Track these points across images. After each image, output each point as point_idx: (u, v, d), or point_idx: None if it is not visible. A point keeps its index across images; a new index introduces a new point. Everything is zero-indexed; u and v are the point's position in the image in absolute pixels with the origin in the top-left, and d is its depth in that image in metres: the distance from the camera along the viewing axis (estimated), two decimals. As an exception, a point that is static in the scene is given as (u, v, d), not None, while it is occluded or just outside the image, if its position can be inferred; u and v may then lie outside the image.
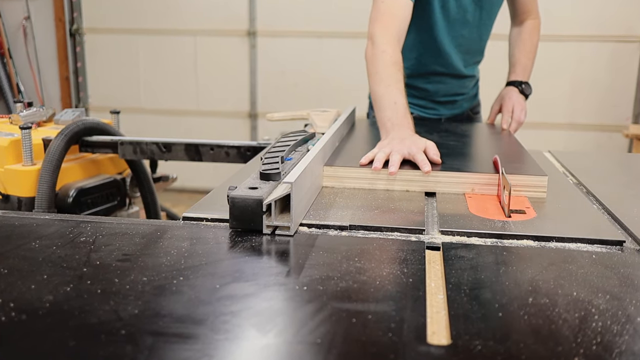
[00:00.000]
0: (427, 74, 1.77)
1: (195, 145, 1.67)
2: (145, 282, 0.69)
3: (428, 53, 1.71)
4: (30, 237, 0.84)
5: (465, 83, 1.84)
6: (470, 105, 1.92)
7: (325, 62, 4.39)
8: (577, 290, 0.69)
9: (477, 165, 1.20)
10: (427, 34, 1.66)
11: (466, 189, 1.11)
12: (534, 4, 1.83)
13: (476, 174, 1.11)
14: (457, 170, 1.13)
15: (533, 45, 1.82)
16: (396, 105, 1.31)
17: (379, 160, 1.15)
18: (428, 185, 1.12)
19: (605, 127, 4.27)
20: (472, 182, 1.11)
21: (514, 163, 1.21)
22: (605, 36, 4.11)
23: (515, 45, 1.83)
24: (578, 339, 0.57)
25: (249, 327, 0.59)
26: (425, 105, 1.85)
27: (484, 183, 1.11)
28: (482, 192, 1.11)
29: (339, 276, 0.72)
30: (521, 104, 1.73)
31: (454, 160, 1.22)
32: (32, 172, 1.53)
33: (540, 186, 1.09)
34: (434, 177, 1.12)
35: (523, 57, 1.80)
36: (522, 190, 1.10)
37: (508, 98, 1.75)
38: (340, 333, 0.58)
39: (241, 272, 0.73)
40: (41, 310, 0.61)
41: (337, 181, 1.14)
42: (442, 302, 0.67)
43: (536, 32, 1.83)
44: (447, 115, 1.87)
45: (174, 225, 0.92)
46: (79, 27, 4.70)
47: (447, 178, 1.12)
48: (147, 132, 2.46)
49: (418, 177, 1.12)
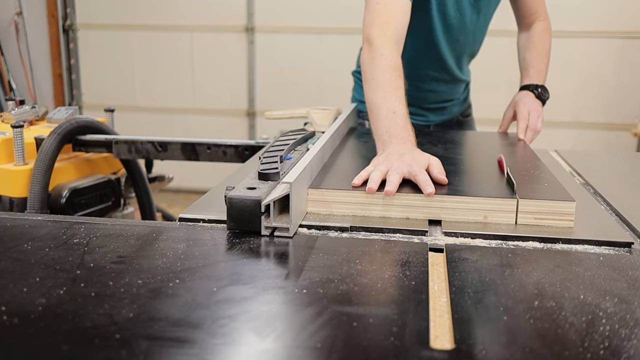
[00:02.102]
0: (419, 78, 1.71)
1: (192, 144, 1.67)
2: (141, 285, 0.69)
3: (421, 56, 1.65)
4: (22, 239, 0.84)
5: (457, 88, 1.79)
6: (460, 109, 1.86)
7: (325, 59, 4.39)
8: (584, 293, 0.69)
9: (490, 187, 1.04)
10: (422, 37, 1.61)
11: (477, 216, 0.96)
12: (541, 4, 1.73)
13: (490, 200, 0.96)
14: (465, 193, 0.98)
15: (545, 48, 1.70)
16: (395, 115, 1.18)
17: (374, 181, 0.99)
18: (432, 211, 0.97)
19: (613, 126, 4.27)
20: (485, 209, 0.96)
21: (532, 184, 1.05)
22: (614, 32, 4.11)
23: (526, 49, 1.71)
24: (585, 344, 0.57)
25: (247, 331, 0.59)
26: (414, 112, 1.76)
27: (499, 209, 0.96)
28: (497, 221, 0.96)
29: (339, 279, 0.72)
30: (537, 110, 1.59)
31: (462, 180, 1.07)
32: (24, 171, 1.53)
33: (566, 213, 0.94)
34: (439, 202, 0.97)
35: (536, 60, 1.68)
36: (545, 219, 0.94)
37: (523, 104, 1.61)
38: (341, 337, 0.58)
39: (239, 275, 0.73)
40: (34, 313, 0.61)
41: (324, 207, 0.99)
42: (445, 305, 0.67)
43: (547, 34, 1.71)
44: (437, 121, 1.81)
45: (170, 227, 0.92)
46: (72, 23, 4.70)
47: (454, 203, 0.96)
48: (143, 130, 2.46)
49: (420, 202, 0.97)
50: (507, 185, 1.04)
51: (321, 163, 1.15)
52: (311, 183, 1.02)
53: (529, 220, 0.94)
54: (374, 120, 1.22)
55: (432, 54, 1.65)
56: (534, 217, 0.94)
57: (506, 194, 0.98)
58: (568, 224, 0.94)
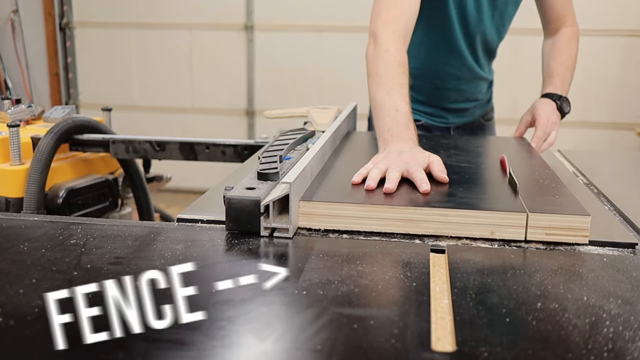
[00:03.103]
0: (438, 75, 1.67)
1: (190, 143, 1.67)
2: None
3: (440, 51, 1.62)
4: (18, 240, 0.84)
5: (479, 87, 1.73)
6: (482, 111, 1.82)
7: (326, 58, 4.39)
8: (588, 295, 0.69)
9: (498, 199, 0.98)
10: (439, 31, 1.58)
11: (483, 232, 0.89)
12: (568, 9, 1.65)
13: (497, 214, 0.89)
14: (471, 206, 0.91)
15: (571, 55, 1.62)
16: (397, 113, 1.18)
17: (373, 179, 1.00)
18: (434, 226, 0.90)
19: (617, 125, 4.27)
20: (492, 223, 0.89)
21: (543, 195, 0.99)
22: (618, 30, 4.11)
23: (551, 55, 1.63)
24: (589, 346, 0.57)
25: (246, 333, 0.59)
26: (434, 112, 1.74)
27: (508, 224, 0.89)
28: (505, 236, 0.89)
29: (339, 280, 0.72)
30: (555, 123, 1.51)
31: (467, 191, 1.00)
32: (20, 171, 1.53)
33: (581, 229, 0.88)
34: (442, 215, 0.89)
35: (561, 68, 1.59)
36: (557, 234, 0.88)
37: (543, 112, 1.52)
38: (341, 339, 0.58)
39: (238, 276, 0.73)
40: (30, 315, 0.61)
41: (317, 221, 0.92)
42: (447, 307, 0.67)
43: (574, 41, 1.64)
44: (457, 123, 1.77)
45: (168, 227, 0.92)
46: (69, 21, 4.70)
47: (458, 217, 0.89)
48: (140, 130, 2.46)
49: (421, 216, 0.90)
50: (510, 187, 1.04)
51: (321, 163, 1.15)
52: (303, 194, 0.95)
53: (539, 236, 0.88)
54: (377, 117, 1.23)
55: (450, 49, 1.61)
56: (545, 232, 0.88)
57: (515, 207, 0.91)
58: (582, 240, 0.88)
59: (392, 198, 0.95)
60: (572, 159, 1.52)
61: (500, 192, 1.02)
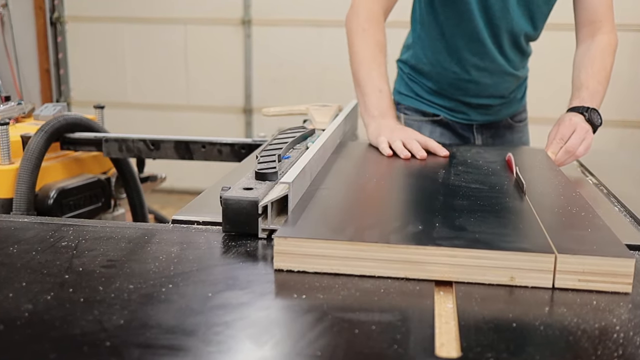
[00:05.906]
0: (459, 62, 1.59)
1: (186, 142, 1.67)
2: (132, 290, 0.69)
3: (456, 32, 1.55)
4: (7, 242, 0.84)
5: (505, 83, 1.64)
6: (511, 111, 1.73)
7: (326, 53, 4.39)
8: (597, 299, 0.69)
9: (520, 234, 0.82)
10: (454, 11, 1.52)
11: (501, 277, 0.73)
12: (607, 14, 1.51)
13: (518, 255, 0.73)
14: (486, 245, 0.75)
15: (605, 67, 1.48)
16: (381, 94, 1.39)
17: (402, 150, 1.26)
18: (440, 270, 0.74)
19: (627, 123, 4.27)
20: (511, 266, 0.73)
21: (573, 229, 0.84)
22: (628, 25, 4.10)
23: (582, 65, 1.50)
24: (598, 352, 0.57)
25: (243, 338, 0.59)
26: (454, 107, 1.68)
27: (531, 268, 0.73)
28: (528, 283, 0.73)
29: (340, 283, 0.72)
30: (583, 132, 1.35)
31: (481, 222, 0.84)
32: (9, 171, 1.53)
33: (622, 274, 0.72)
34: (449, 257, 0.74)
35: (591, 80, 1.46)
36: (592, 281, 0.73)
37: (569, 120, 1.38)
38: (342, 345, 0.58)
39: (235, 279, 0.73)
40: (20, 320, 0.61)
41: (297, 261, 0.76)
42: (451, 311, 0.67)
43: (609, 51, 1.50)
44: (480, 121, 1.70)
45: (163, 229, 0.92)
46: (60, 15, 4.70)
47: (470, 259, 0.74)
48: (134, 128, 2.46)
49: (424, 257, 0.74)
50: (516, 188, 1.04)
51: (321, 163, 1.15)
52: (279, 230, 0.80)
53: (571, 282, 0.73)
54: (361, 93, 1.43)
55: (468, 30, 1.54)
56: (578, 278, 0.73)
57: (540, 246, 0.75)
58: (624, 288, 0.72)
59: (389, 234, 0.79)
60: (581, 158, 1.52)
61: (521, 224, 0.86)
